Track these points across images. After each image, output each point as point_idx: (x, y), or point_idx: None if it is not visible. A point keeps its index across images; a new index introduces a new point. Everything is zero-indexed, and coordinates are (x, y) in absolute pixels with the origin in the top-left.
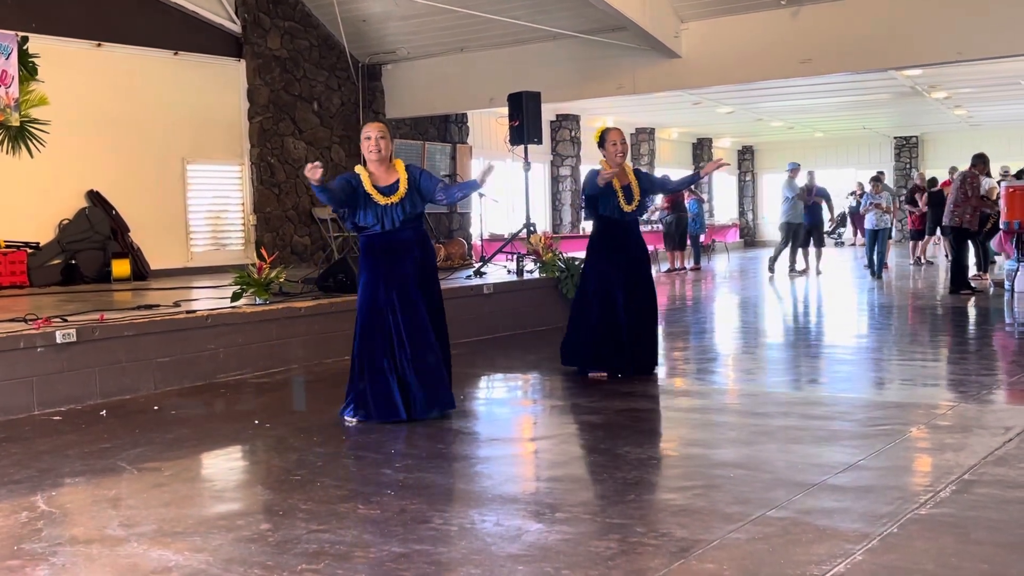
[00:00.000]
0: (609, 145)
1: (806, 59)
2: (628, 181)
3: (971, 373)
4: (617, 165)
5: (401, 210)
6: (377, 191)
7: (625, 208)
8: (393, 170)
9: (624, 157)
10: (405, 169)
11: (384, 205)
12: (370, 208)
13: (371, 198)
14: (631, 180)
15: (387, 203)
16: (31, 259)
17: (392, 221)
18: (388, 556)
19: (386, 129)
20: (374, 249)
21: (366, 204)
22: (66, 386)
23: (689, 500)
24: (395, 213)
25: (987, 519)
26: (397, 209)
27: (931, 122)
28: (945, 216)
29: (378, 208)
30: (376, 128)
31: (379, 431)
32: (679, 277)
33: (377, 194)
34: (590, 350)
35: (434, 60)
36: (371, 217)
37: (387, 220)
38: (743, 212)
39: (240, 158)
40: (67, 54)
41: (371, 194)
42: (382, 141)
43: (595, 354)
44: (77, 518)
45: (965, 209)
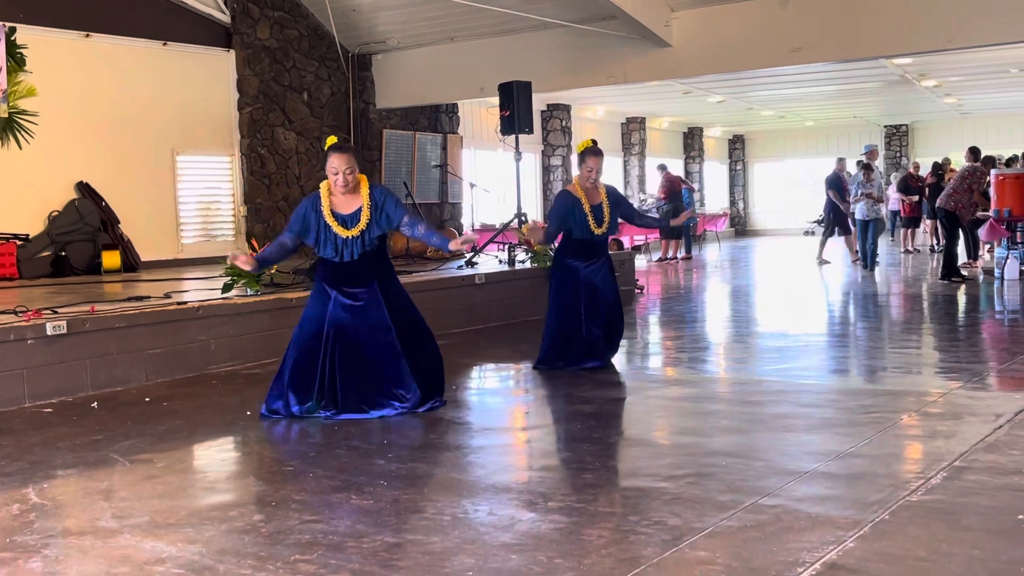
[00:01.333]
0: (584, 170)
1: (796, 48)
2: (600, 201)
3: (962, 360)
4: (588, 188)
5: (360, 244)
6: (337, 221)
7: (595, 231)
8: (356, 196)
9: (596, 182)
10: (369, 195)
11: (344, 238)
12: (329, 240)
13: (331, 229)
14: (603, 200)
15: (347, 236)
16: (20, 251)
17: (351, 254)
18: (381, 546)
19: (353, 160)
20: (328, 269)
21: (325, 234)
22: (57, 378)
23: (681, 488)
24: (354, 246)
25: (978, 505)
26: (356, 243)
27: (921, 110)
28: (941, 198)
29: (338, 240)
30: (344, 160)
31: (370, 422)
32: (671, 266)
33: (337, 225)
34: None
35: (424, 50)
36: (330, 249)
37: (346, 252)
38: (734, 201)
39: (230, 149)
40: (55, 45)
41: (331, 225)
42: (350, 176)
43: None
44: (69, 510)
45: (962, 198)
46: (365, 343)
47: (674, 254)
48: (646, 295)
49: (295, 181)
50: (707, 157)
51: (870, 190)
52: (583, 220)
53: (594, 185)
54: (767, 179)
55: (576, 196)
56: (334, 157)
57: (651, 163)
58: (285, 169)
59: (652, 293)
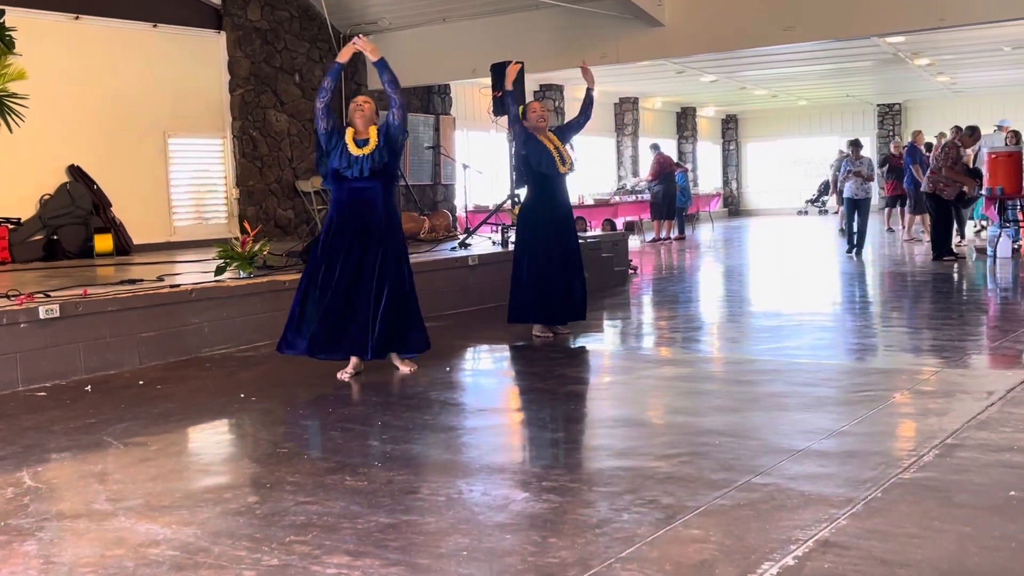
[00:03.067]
0: (530, 113)
1: (789, 26)
2: (556, 143)
3: (954, 339)
4: (542, 131)
5: (370, 160)
6: (353, 142)
7: (561, 169)
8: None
9: (546, 124)
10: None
11: (355, 155)
12: (344, 156)
13: (347, 148)
14: (557, 143)
15: (358, 153)
16: (12, 235)
17: (360, 169)
18: (376, 527)
19: (372, 101)
20: (341, 203)
21: (341, 152)
22: (50, 362)
23: (675, 467)
24: (363, 163)
25: (970, 482)
26: (366, 160)
27: (914, 89)
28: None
29: (350, 156)
30: (363, 98)
31: (365, 403)
32: (664, 247)
33: (352, 145)
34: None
35: (416, 30)
36: (344, 161)
37: (355, 167)
38: (727, 181)
39: (222, 131)
40: (44, 27)
41: (347, 144)
42: (366, 105)
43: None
44: (64, 493)
45: (939, 178)
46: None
47: (667, 234)
48: (639, 275)
49: (287, 163)
50: (700, 137)
51: (859, 168)
52: (550, 159)
53: (544, 129)
54: (760, 159)
55: (538, 138)
56: (354, 100)
57: (644, 143)
58: (277, 151)
59: (645, 273)
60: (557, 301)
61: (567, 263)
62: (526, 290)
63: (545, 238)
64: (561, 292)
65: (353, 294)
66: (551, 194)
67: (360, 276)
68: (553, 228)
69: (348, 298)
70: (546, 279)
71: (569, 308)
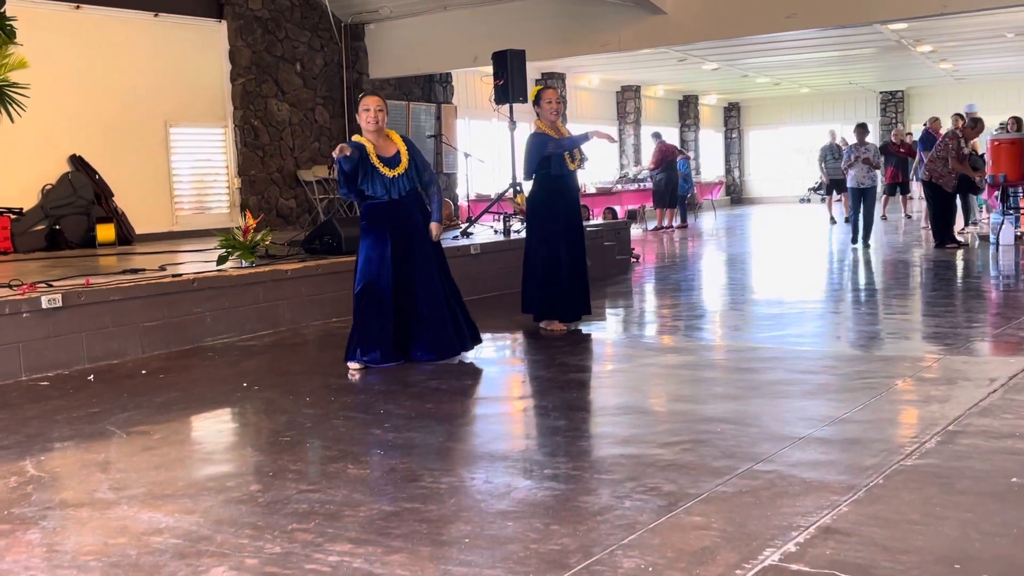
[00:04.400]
0: (544, 103)
1: (791, 14)
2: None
3: (957, 326)
4: (552, 123)
5: (407, 180)
6: (381, 162)
7: (570, 166)
8: (390, 141)
9: (559, 116)
10: (403, 141)
11: (391, 177)
12: (377, 179)
13: (378, 170)
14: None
15: (393, 175)
16: (14, 225)
17: (399, 191)
18: (378, 515)
19: (384, 103)
20: (378, 214)
21: (373, 175)
22: (53, 351)
23: (677, 455)
24: (401, 184)
25: (972, 469)
26: (403, 180)
27: (916, 76)
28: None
29: (385, 179)
30: (375, 101)
31: (367, 392)
32: (666, 235)
33: (383, 166)
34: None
35: (417, 19)
36: (380, 188)
37: (394, 190)
38: (729, 169)
39: (223, 120)
40: (45, 17)
41: (377, 166)
42: (380, 114)
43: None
44: (67, 482)
45: (938, 167)
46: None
47: (669, 223)
48: (642, 264)
49: (289, 153)
50: (702, 125)
51: (866, 155)
52: (558, 156)
53: (555, 122)
54: (763, 147)
55: (544, 132)
56: (367, 99)
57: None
58: (279, 141)
59: (647, 262)
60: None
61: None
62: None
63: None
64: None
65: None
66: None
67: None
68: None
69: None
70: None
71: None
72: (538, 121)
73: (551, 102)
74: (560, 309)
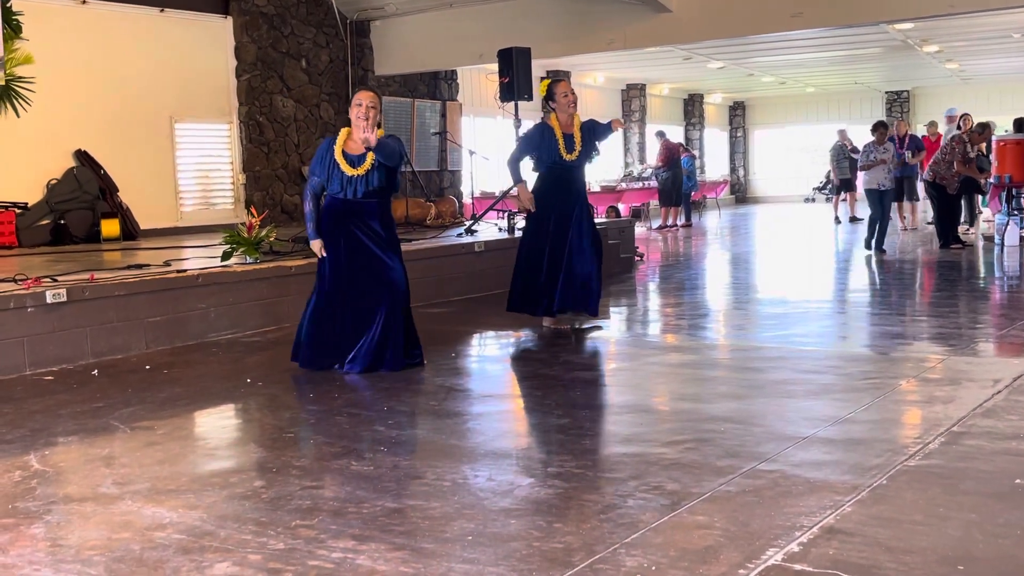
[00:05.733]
0: (560, 96)
1: (797, 13)
2: (572, 131)
3: (961, 326)
4: (569, 117)
5: (364, 183)
6: (345, 160)
7: (565, 156)
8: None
9: (575, 107)
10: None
11: (348, 176)
12: (335, 176)
13: (338, 166)
14: (576, 131)
15: (352, 174)
16: (19, 219)
17: (354, 192)
18: (381, 511)
19: (378, 100)
20: (335, 211)
21: (332, 171)
22: (57, 346)
23: (680, 454)
24: (358, 184)
25: (975, 470)
26: (360, 181)
27: (923, 76)
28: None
29: (343, 177)
30: (368, 96)
31: (370, 388)
32: (671, 233)
33: (344, 163)
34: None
35: (423, 16)
36: (336, 185)
37: (349, 190)
38: (734, 168)
39: (228, 116)
40: (51, 12)
41: (339, 162)
42: (372, 111)
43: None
44: (70, 477)
45: (941, 168)
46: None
47: (673, 221)
48: (646, 262)
49: (294, 149)
50: (707, 124)
51: (884, 155)
52: (553, 145)
53: (572, 115)
54: (768, 146)
55: (549, 125)
56: (360, 93)
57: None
58: (284, 137)
59: (651, 260)
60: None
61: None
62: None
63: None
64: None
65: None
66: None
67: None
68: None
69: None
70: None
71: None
72: (552, 115)
73: (567, 95)
74: (532, 302)
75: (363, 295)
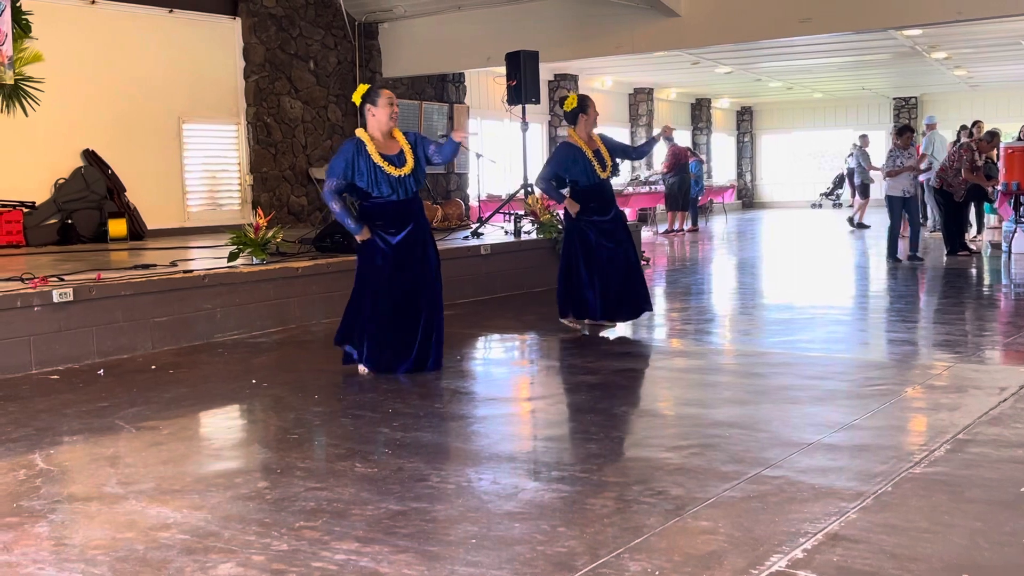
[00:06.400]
0: (592, 111)
1: (806, 18)
2: (598, 147)
3: (967, 333)
4: (586, 136)
5: (414, 181)
6: (386, 161)
7: (601, 175)
8: (393, 139)
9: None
10: (405, 138)
11: (398, 176)
12: (383, 179)
13: (382, 169)
14: (600, 147)
15: (400, 174)
16: (27, 218)
17: (407, 191)
18: (385, 513)
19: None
20: (386, 213)
21: (377, 175)
22: (63, 345)
23: (685, 459)
24: (409, 183)
25: (981, 478)
26: (410, 180)
27: (931, 82)
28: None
29: (392, 179)
30: (393, 95)
31: (375, 390)
32: (677, 238)
33: (387, 165)
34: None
35: (431, 18)
36: (386, 187)
37: (402, 190)
38: (741, 173)
39: (236, 117)
40: (60, 11)
41: (381, 165)
42: (398, 109)
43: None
44: (75, 476)
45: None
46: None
47: (680, 226)
48: (652, 267)
49: (301, 150)
50: (715, 129)
51: (910, 160)
52: (587, 166)
53: (591, 131)
54: (775, 151)
55: (576, 144)
56: (384, 93)
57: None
58: (291, 138)
59: (658, 265)
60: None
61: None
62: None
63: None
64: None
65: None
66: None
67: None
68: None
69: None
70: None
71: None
72: (572, 130)
73: (596, 112)
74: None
75: (417, 292)
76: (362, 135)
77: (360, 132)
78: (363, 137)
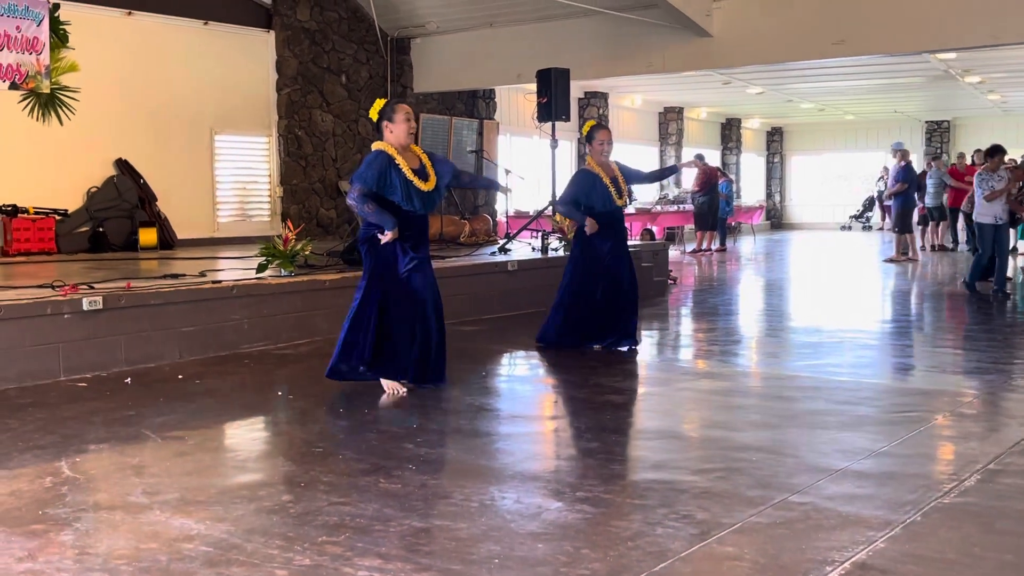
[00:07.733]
0: (596, 144)
1: (839, 40)
2: (615, 175)
3: (998, 361)
4: (602, 163)
5: (439, 195)
6: (416, 176)
7: (617, 202)
8: (411, 152)
9: (609, 155)
10: (426, 155)
11: (427, 192)
12: (415, 194)
13: (413, 184)
14: (617, 174)
15: (428, 189)
16: (59, 226)
17: (431, 205)
18: (408, 531)
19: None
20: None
21: (410, 190)
22: (92, 353)
23: (711, 483)
24: (434, 198)
25: (1012, 509)
26: (436, 194)
27: (964, 106)
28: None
29: (422, 194)
30: (410, 110)
31: (401, 405)
32: (705, 258)
33: (418, 180)
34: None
35: (463, 35)
36: (417, 203)
37: (429, 205)
38: (770, 194)
39: (268, 129)
40: (97, 22)
41: (412, 180)
42: (415, 123)
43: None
44: (101, 484)
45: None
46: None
47: (708, 246)
48: (679, 286)
49: (331, 163)
50: (744, 149)
51: (1001, 184)
52: (605, 193)
53: (607, 160)
54: (805, 172)
55: (594, 172)
56: (401, 108)
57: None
58: (322, 151)
59: (685, 284)
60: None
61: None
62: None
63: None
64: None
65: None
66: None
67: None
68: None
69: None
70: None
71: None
72: (589, 157)
73: (603, 143)
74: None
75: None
76: (389, 149)
77: (385, 146)
78: (390, 151)
